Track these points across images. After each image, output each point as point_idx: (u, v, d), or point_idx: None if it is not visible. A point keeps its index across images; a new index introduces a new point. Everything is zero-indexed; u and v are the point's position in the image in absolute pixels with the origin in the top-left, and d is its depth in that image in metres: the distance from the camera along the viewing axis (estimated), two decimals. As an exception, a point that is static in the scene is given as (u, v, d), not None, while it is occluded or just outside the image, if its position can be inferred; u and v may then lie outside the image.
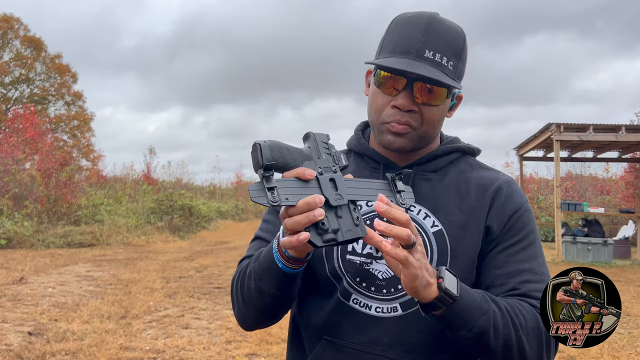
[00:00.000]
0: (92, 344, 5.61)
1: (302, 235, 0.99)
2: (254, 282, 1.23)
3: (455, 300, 1.10)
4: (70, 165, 20.18)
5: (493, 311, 1.16)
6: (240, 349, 5.51)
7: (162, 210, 21.40)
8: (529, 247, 1.30)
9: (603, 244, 13.70)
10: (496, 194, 1.32)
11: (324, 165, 1.09)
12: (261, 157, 1.04)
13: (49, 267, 11.35)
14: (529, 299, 1.23)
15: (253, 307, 1.28)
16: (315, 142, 1.14)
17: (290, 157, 1.09)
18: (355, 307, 1.28)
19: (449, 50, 1.25)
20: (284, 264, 1.15)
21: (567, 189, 25.61)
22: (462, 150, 1.41)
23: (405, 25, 1.28)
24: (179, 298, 8.13)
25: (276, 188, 1.00)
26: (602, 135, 14.36)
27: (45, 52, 36.26)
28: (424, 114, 1.27)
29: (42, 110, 34.04)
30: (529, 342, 1.18)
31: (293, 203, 1.00)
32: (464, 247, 1.28)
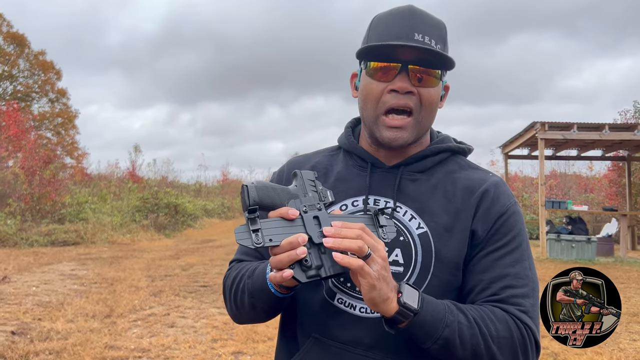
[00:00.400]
0: (76, 343, 5.56)
1: (285, 272, 1.05)
2: (247, 297, 1.29)
3: (417, 314, 1.12)
4: (54, 163, 20.03)
5: (459, 322, 1.16)
6: (226, 348, 5.49)
7: (148, 209, 21.28)
8: (514, 251, 1.28)
9: (587, 242, 13.83)
10: (482, 197, 1.31)
11: (309, 203, 1.14)
12: (248, 198, 1.10)
13: (33, 265, 11.24)
14: (507, 305, 1.23)
15: (245, 314, 1.35)
16: (302, 180, 1.19)
17: (277, 196, 1.14)
18: (339, 307, 1.29)
19: (435, 34, 1.27)
20: (276, 290, 1.21)
21: (551, 187, 25.83)
22: (451, 149, 1.40)
23: (389, 17, 1.30)
24: (164, 297, 8.09)
25: (261, 230, 1.05)
26: (585, 133, 14.50)
27: (28, 48, 35.89)
28: (422, 96, 1.27)
29: (26, 107, 33.68)
30: (500, 350, 1.18)
31: (277, 243, 1.06)
32: (449, 249, 1.28)
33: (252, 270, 1.30)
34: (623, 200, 19.79)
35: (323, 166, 1.43)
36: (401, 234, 1.29)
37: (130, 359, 5.16)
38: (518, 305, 1.23)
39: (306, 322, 1.34)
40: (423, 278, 1.26)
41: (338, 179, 1.38)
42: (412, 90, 1.26)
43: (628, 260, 13.90)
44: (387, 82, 1.27)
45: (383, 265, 1.09)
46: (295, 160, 1.50)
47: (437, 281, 1.26)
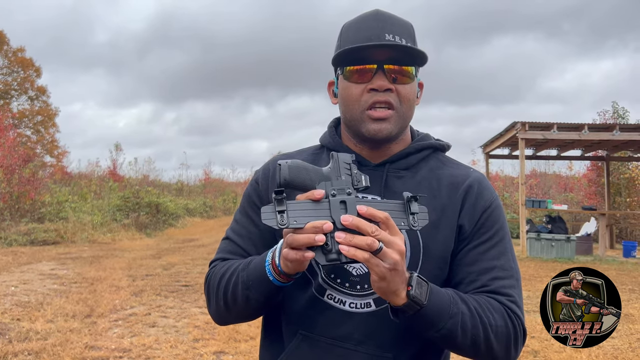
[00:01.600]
0: (56, 343, 5.51)
1: (308, 253, 1.06)
2: (241, 290, 1.27)
3: (423, 307, 1.14)
4: (33, 162, 19.82)
5: (462, 313, 1.20)
6: (208, 347, 5.48)
7: (129, 208, 21.13)
8: (499, 244, 1.33)
9: (566, 240, 14.00)
10: (467, 193, 1.36)
11: (339, 186, 1.13)
12: (279, 176, 1.12)
13: (12, 265, 11.10)
14: (498, 295, 1.28)
15: (236, 311, 1.33)
16: (337, 163, 1.18)
17: (308, 177, 1.15)
18: (329, 303, 1.31)
19: (405, 33, 1.32)
20: (275, 278, 1.20)
21: (531, 186, 26.08)
22: (432, 146, 1.43)
23: (358, 23, 1.34)
24: (145, 296, 8.03)
25: (286, 211, 1.06)
26: (565, 133, 14.67)
27: (7, 45, 35.38)
28: (400, 92, 1.31)
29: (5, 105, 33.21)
30: (497, 338, 1.23)
31: (301, 225, 1.06)
32: (436, 244, 1.31)
33: (247, 263, 1.29)
34: (602, 199, 20.07)
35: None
36: None
37: (111, 359, 5.12)
38: (508, 295, 1.28)
39: (293, 320, 1.35)
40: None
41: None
42: (391, 87, 1.30)
43: (606, 258, 14.10)
44: (365, 82, 1.30)
45: (397, 259, 1.08)
46: (278, 159, 1.49)
47: (425, 274, 1.27)
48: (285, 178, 1.12)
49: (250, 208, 1.45)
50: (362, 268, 1.30)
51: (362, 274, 1.30)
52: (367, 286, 1.30)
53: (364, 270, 1.30)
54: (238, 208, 1.50)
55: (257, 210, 1.41)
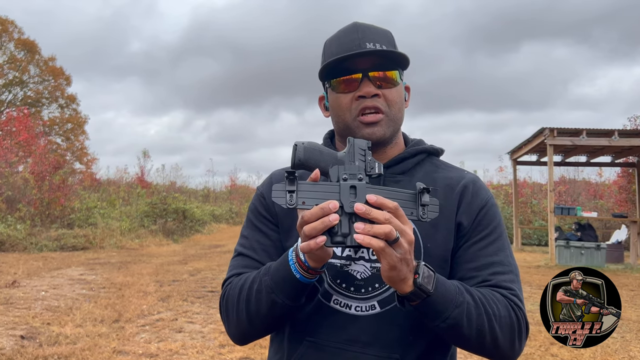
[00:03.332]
0: (84, 347, 5.58)
1: (319, 238, 1.07)
2: (265, 295, 1.27)
3: (430, 295, 1.16)
4: (63, 168, 20.15)
5: (467, 303, 1.22)
6: (233, 353, 5.50)
7: (156, 214, 21.34)
8: (496, 241, 1.37)
9: (596, 248, 13.74)
10: (463, 192, 1.40)
11: (351, 171, 1.14)
12: (294, 156, 1.15)
13: (42, 270, 11.29)
14: (500, 289, 1.30)
15: (259, 320, 1.31)
16: (352, 147, 1.18)
17: (322, 159, 1.17)
18: (335, 308, 1.33)
19: (385, 40, 1.37)
20: (302, 275, 1.21)
21: (560, 193, 25.69)
22: (427, 151, 1.48)
23: (338, 37, 1.41)
24: (172, 302, 8.10)
25: (296, 191, 1.08)
26: (595, 140, 14.42)
27: (39, 54, 36.17)
28: (387, 96, 1.36)
29: (36, 113, 33.95)
30: (501, 330, 1.25)
31: (309, 207, 1.08)
32: (435, 244, 1.35)
33: (267, 268, 1.30)
34: (633, 206, 19.66)
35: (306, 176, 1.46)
36: None
37: (138, 364, 5.17)
38: (509, 289, 1.31)
39: (298, 328, 1.36)
40: None
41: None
42: (377, 93, 1.35)
43: (638, 267, 13.79)
44: (353, 91, 1.36)
45: (408, 249, 1.11)
46: (278, 173, 1.53)
47: None
48: (300, 158, 1.14)
49: (259, 221, 1.47)
50: (365, 272, 1.33)
51: (366, 277, 1.33)
52: (371, 289, 1.33)
53: (368, 274, 1.33)
54: (244, 225, 1.51)
55: (266, 223, 1.45)
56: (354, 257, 1.34)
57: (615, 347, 5.94)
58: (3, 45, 35.64)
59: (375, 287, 1.32)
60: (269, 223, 1.45)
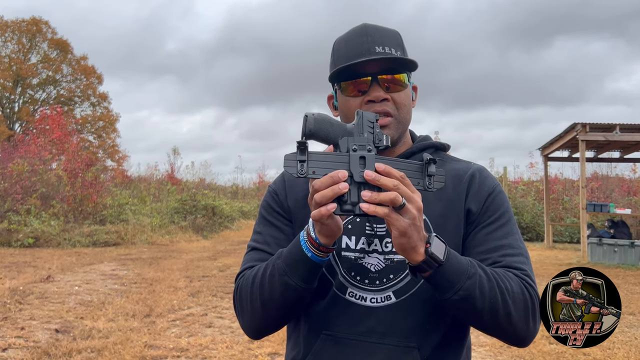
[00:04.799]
0: (117, 341, 5.69)
1: (330, 205, 1.09)
2: (278, 278, 1.27)
3: (442, 264, 1.18)
4: (95, 166, 20.46)
5: (479, 275, 1.22)
6: (262, 348, 5.54)
7: (186, 210, 21.57)
8: (505, 225, 1.39)
9: (630, 246, 13.46)
10: (471, 181, 1.43)
11: (361, 143, 1.16)
12: (305, 127, 1.16)
13: (75, 265, 11.52)
14: (511, 269, 1.31)
15: (274, 306, 1.31)
16: (362, 120, 1.20)
17: (332, 130, 1.19)
18: (351, 300, 1.35)
19: (393, 43, 1.40)
20: (314, 253, 1.22)
21: (593, 189, 25.24)
22: (434, 146, 1.51)
23: (347, 39, 1.43)
24: (202, 297, 8.19)
25: (307, 161, 1.10)
26: (629, 135, 14.11)
27: (71, 54, 36.81)
28: (396, 100, 1.39)
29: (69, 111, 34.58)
30: (515, 306, 1.25)
31: (319, 176, 1.10)
32: (447, 234, 1.35)
33: (279, 253, 1.31)
34: (668, 203, 19.22)
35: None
36: None
37: (169, 358, 5.25)
38: (520, 269, 1.32)
39: (315, 321, 1.38)
40: None
41: None
42: (387, 97, 1.38)
43: (674, 265, 13.49)
44: (362, 95, 1.38)
45: (416, 215, 1.13)
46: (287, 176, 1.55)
47: None
48: (310, 129, 1.15)
49: (271, 217, 1.49)
50: (379, 264, 1.36)
51: (380, 269, 1.35)
52: (385, 280, 1.35)
53: (382, 266, 1.35)
54: (256, 222, 1.53)
55: (279, 218, 1.47)
56: (367, 249, 1.37)
57: (649, 347, 5.83)
58: (37, 45, 36.38)
59: (389, 278, 1.34)
60: (282, 218, 1.48)
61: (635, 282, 10.20)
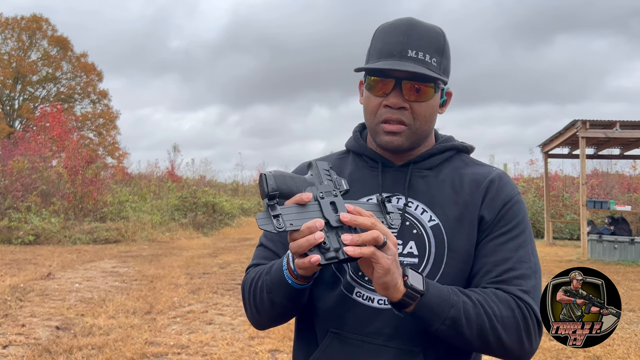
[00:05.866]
0: (117, 338, 5.70)
1: (313, 257, 1.07)
2: (266, 294, 1.32)
3: (423, 295, 1.17)
4: (96, 163, 20.47)
5: (463, 302, 1.22)
6: (263, 345, 5.55)
7: (186, 207, 21.58)
8: (518, 237, 1.35)
9: (630, 243, 13.46)
10: (489, 187, 1.39)
11: (325, 190, 1.17)
12: (266, 185, 1.14)
13: (76, 262, 11.53)
14: (509, 286, 1.28)
15: (266, 314, 1.37)
16: (317, 170, 1.22)
17: (294, 184, 1.18)
18: (358, 300, 1.35)
19: (431, 48, 1.33)
20: (293, 281, 1.24)
21: (593, 186, 25.23)
22: (456, 148, 1.48)
23: (387, 32, 1.37)
24: (202, 294, 8.20)
25: (281, 215, 1.09)
26: (629, 132, 14.10)
27: (71, 51, 36.78)
28: (415, 110, 1.34)
29: (69, 108, 34.56)
30: (505, 330, 1.23)
31: (297, 227, 1.09)
32: (460, 239, 1.34)
33: (270, 267, 1.34)
34: (668, 200, 19.22)
35: (335, 170, 1.47)
36: (414, 227, 1.36)
37: (169, 355, 5.26)
38: (520, 285, 1.29)
39: (324, 319, 1.38)
40: (437, 268, 1.33)
41: (351, 180, 1.42)
42: (405, 106, 1.33)
43: (674, 262, 13.50)
44: (383, 97, 1.34)
45: (395, 251, 1.13)
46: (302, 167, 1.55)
47: (450, 270, 1.32)
48: (272, 187, 1.14)
49: None
50: None
51: None
52: None
53: None
54: None
55: None
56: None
57: (649, 343, 5.84)
58: (37, 43, 36.35)
59: None
60: None
61: (635, 279, 10.21)
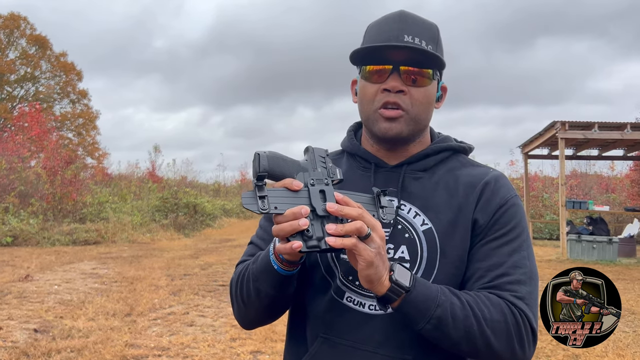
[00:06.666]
0: (97, 341, 5.64)
1: (295, 243, 1.07)
2: (252, 283, 1.29)
3: (408, 291, 1.15)
4: (75, 163, 20.25)
5: (451, 303, 1.19)
6: (244, 347, 5.53)
7: (167, 208, 21.44)
8: (513, 241, 1.30)
9: (608, 242, 13.65)
10: (483, 189, 1.34)
11: (317, 177, 1.16)
12: (259, 165, 1.11)
13: (55, 264, 11.39)
14: (502, 292, 1.24)
15: (252, 307, 1.34)
16: (313, 155, 1.20)
17: (287, 167, 1.16)
18: (348, 305, 1.31)
19: (426, 35, 1.31)
20: (279, 266, 1.21)
21: (572, 187, 25.54)
22: (452, 149, 1.43)
23: (380, 23, 1.35)
24: (183, 295, 8.15)
25: (267, 197, 1.07)
26: (607, 133, 14.31)
27: (50, 50, 36.34)
28: (413, 95, 1.30)
29: (48, 108, 34.13)
30: (494, 334, 1.20)
31: (281, 211, 1.08)
32: (453, 244, 1.30)
33: (257, 256, 1.31)
34: (645, 200, 19.52)
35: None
36: (407, 231, 1.32)
37: (150, 357, 5.21)
38: (514, 291, 1.24)
39: (314, 323, 1.35)
40: (429, 273, 1.29)
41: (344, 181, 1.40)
42: (403, 89, 1.29)
43: (650, 261, 13.70)
44: (380, 83, 1.31)
45: (380, 244, 1.12)
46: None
47: (442, 276, 1.29)
48: (265, 167, 1.12)
49: None
50: None
51: None
52: None
53: None
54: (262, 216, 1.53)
55: None
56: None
57: (627, 342, 5.92)
58: (15, 42, 35.85)
59: None
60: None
61: (613, 278, 10.21)
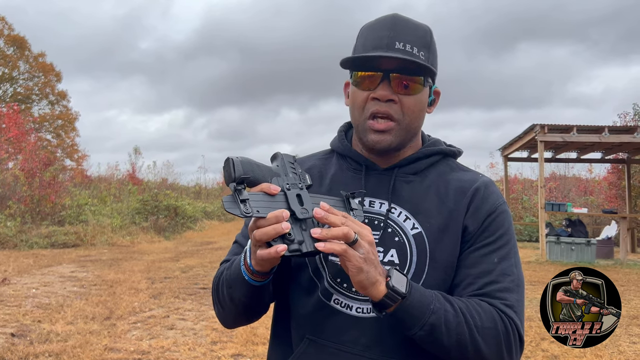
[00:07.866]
0: (76, 345, 5.56)
1: (279, 247, 1.06)
2: (226, 289, 1.30)
3: (404, 297, 1.14)
4: (54, 165, 19.99)
5: (445, 310, 1.19)
6: (225, 350, 5.50)
7: (148, 211, 21.25)
8: (502, 248, 1.31)
9: (586, 244, 13.83)
10: (473, 196, 1.35)
11: (291, 182, 1.17)
12: (234, 171, 1.11)
13: (33, 267, 11.23)
14: (493, 299, 1.25)
15: (229, 311, 1.35)
16: (282, 161, 1.21)
17: (260, 173, 1.16)
18: (336, 307, 1.31)
19: (418, 42, 1.30)
20: (250, 277, 1.21)
21: (551, 189, 25.82)
22: (442, 152, 1.43)
23: (372, 28, 1.33)
24: (164, 299, 8.08)
25: (248, 200, 1.07)
26: (585, 136, 14.49)
27: (29, 51, 35.90)
28: (403, 104, 1.29)
29: (26, 109, 33.67)
30: (485, 341, 1.20)
31: (264, 215, 1.08)
32: (442, 249, 1.30)
33: (232, 262, 1.31)
34: (623, 202, 19.79)
35: (317, 169, 1.45)
36: (397, 234, 1.32)
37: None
38: (503, 299, 1.25)
39: (300, 324, 1.34)
40: (418, 277, 1.29)
41: (333, 182, 1.40)
42: (393, 98, 1.28)
43: (628, 262, 13.90)
44: (371, 90, 1.30)
45: (370, 249, 1.12)
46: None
47: (432, 280, 1.28)
48: (240, 173, 1.12)
49: None
50: None
51: None
52: None
53: None
54: None
55: None
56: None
57: (605, 342, 5.98)
58: (-8, 42, 35.36)
59: None
60: None
61: (591, 280, 10.47)
